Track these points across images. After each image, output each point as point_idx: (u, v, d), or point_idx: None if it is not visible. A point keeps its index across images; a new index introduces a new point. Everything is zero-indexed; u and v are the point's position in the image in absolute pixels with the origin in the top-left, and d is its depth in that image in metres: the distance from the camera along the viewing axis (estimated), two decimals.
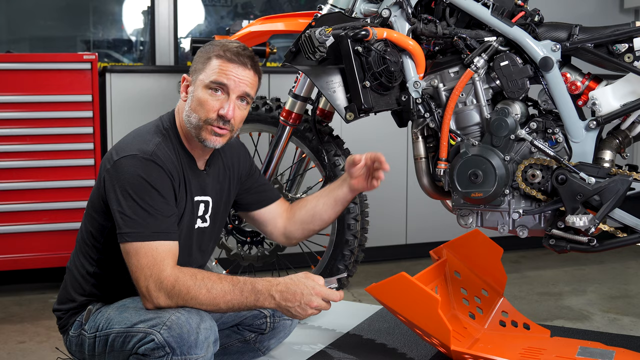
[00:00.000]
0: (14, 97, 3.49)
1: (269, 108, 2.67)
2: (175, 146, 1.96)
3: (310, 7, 4.81)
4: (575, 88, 2.15)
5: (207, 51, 1.96)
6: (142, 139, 1.92)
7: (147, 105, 3.88)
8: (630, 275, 4.16)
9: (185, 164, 1.97)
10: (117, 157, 1.88)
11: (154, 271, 1.80)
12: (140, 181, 1.83)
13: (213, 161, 2.08)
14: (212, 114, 1.92)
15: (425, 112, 2.28)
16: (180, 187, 1.93)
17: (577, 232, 2.10)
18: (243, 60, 1.93)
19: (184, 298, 1.80)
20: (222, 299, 1.81)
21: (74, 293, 2.00)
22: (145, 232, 1.81)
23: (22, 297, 3.66)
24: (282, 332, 2.23)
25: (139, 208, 1.82)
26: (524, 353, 2.17)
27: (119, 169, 1.86)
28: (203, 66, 1.94)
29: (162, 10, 4.39)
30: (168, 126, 1.99)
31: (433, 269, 2.34)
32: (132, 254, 1.82)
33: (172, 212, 1.88)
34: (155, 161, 1.86)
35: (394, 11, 2.29)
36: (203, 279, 1.81)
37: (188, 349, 1.74)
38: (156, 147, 1.89)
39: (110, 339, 1.86)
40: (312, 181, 2.74)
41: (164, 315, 1.77)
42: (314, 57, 2.17)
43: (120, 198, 1.84)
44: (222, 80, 1.91)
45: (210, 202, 2.06)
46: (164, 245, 1.83)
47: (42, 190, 3.55)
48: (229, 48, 1.94)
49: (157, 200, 1.84)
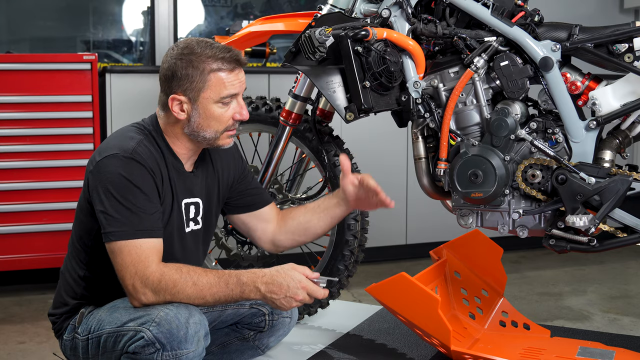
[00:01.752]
0: (14, 98, 3.49)
1: (269, 108, 2.67)
2: (159, 146, 1.96)
3: (310, 7, 4.81)
4: (575, 88, 2.15)
5: (195, 67, 1.89)
6: (122, 138, 1.93)
7: (147, 106, 3.85)
8: (630, 276, 4.16)
9: (171, 165, 1.97)
10: (99, 157, 1.88)
11: (139, 268, 1.80)
12: (122, 180, 1.84)
13: (201, 163, 2.08)
14: (230, 121, 1.96)
15: (425, 112, 2.28)
16: (164, 185, 1.93)
17: (577, 232, 2.10)
18: (238, 62, 1.95)
19: (170, 292, 1.80)
20: (209, 291, 1.82)
21: (67, 297, 2.00)
22: (129, 231, 1.82)
23: (22, 298, 3.66)
24: (281, 330, 2.23)
25: (121, 207, 1.83)
26: (524, 353, 2.17)
27: (101, 169, 1.86)
28: (202, 84, 1.90)
29: (162, 11, 4.39)
30: (150, 128, 1.98)
31: (433, 269, 2.34)
32: (117, 253, 1.82)
33: (156, 210, 1.88)
34: (135, 159, 1.86)
35: (394, 11, 2.29)
36: (188, 272, 1.82)
37: (178, 344, 1.75)
38: (137, 145, 1.89)
39: (102, 340, 1.87)
40: (312, 181, 2.73)
41: (152, 312, 1.78)
42: (313, 57, 2.17)
43: (103, 198, 1.84)
44: (233, 92, 1.93)
45: (200, 203, 2.06)
46: (147, 243, 1.83)
47: (42, 190, 3.54)
48: (223, 57, 1.91)
49: (139, 198, 1.84)
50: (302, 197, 2.67)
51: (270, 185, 2.69)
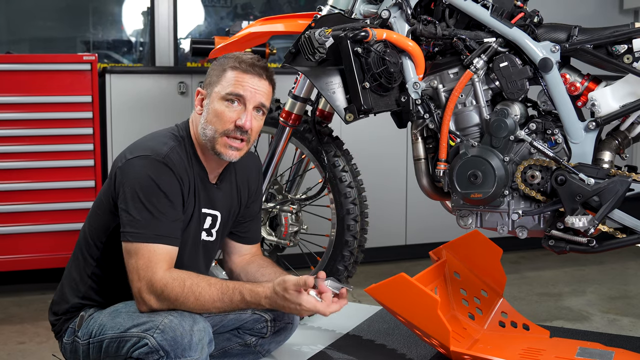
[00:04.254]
0: (14, 98, 3.49)
1: (269, 109, 2.67)
2: (189, 154, 1.96)
3: (310, 8, 4.81)
4: (575, 89, 2.15)
5: (221, 64, 1.97)
6: (157, 142, 1.93)
7: (147, 106, 3.88)
8: (630, 276, 4.16)
9: (197, 174, 1.97)
10: (131, 156, 1.89)
11: (147, 273, 1.81)
12: (150, 182, 1.84)
13: (225, 177, 2.08)
14: (230, 124, 1.93)
15: (424, 113, 2.28)
16: (189, 194, 1.94)
17: (577, 232, 2.10)
18: (258, 71, 1.95)
19: (173, 304, 1.82)
20: (212, 305, 1.83)
21: (69, 294, 2.00)
22: (147, 234, 1.82)
23: (22, 298, 3.66)
24: (282, 335, 2.24)
25: (144, 209, 1.83)
26: (523, 354, 2.17)
27: (130, 168, 1.87)
28: (218, 79, 1.95)
29: (161, 11, 4.39)
30: (184, 134, 1.99)
31: (432, 270, 2.34)
32: (132, 254, 1.83)
33: (178, 217, 1.88)
34: (167, 164, 1.87)
35: (394, 12, 2.29)
36: (191, 286, 1.81)
37: (182, 351, 1.74)
38: (170, 151, 1.90)
39: (104, 344, 1.86)
40: (311, 182, 2.74)
41: (156, 319, 1.78)
42: (313, 58, 2.17)
43: (128, 197, 1.84)
44: (238, 92, 1.92)
45: (219, 217, 2.06)
46: (162, 249, 1.83)
47: (42, 191, 3.55)
48: (243, 60, 1.95)
49: (163, 203, 1.84)
50: (302, 197, 2.67)
51: (270, 186, 2.70)
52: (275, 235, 2.68)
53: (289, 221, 2.64)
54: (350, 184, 2.55)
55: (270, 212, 2.69)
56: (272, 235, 2.69)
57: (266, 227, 2.70)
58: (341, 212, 2.56)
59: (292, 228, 2.64)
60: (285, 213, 2.65)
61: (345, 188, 2.55)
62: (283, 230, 2.65)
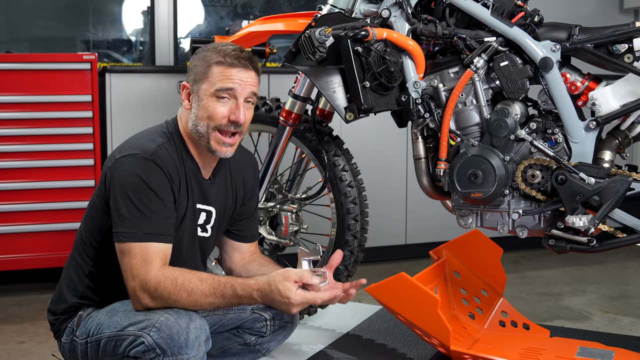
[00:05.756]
0: (14, 98, 3.49)
1: (269, 108, 2.67)
2: (179, 150, 1.96)
3: (310, 7, 4.81)
4: (575, 88, 2.15)
5: (204, 58, 1.95)
6: (145, 139, 1.93)
7: (147, 106, 3.87)
8: (630, 276, 4.16)
9: (189, 170, 1.97)
10: (119, 155, 1.89)
11: (140, 272, 1.81)
12: (138, 181, 1.84)
13: (219, 172, 2.08)
14: (223, 120, 1.93)
15: (425, 113, 2.28)
16: (180, 190, 1.93)
17: (577, 232, 2.10)
18: (244, 62, 1.94)
19: (167, 301, 1.81)
20: (204, 300, 1.82)
21: (67, 294, 2.00)
22: (138, 233, 1.82)
23: (22, 298, 3.66)
24: (282, 334, 2.23)
25: (134, 208, 1.83)
26: (523, 353, 2.17)
27: (119, 168, 1.86)
28: (204, 75, 1.93)
29: (161, 11, 4.39)
30: (173, 130, 1.99)
31: (433, 269, 2.34)
32: (125, 254, 1.83)
33: (169, 214, 1.88)
34: (155, 161, 1.86)
35: (394, 11, 2.29)
36: (183, 282, 1.81)
37: (179, 349, 1.75)
38: (158, 147, 1.90)
39: (101, 343, 1.86)
40: (312, 181, 2.74)
41: (153, 317, 1.78)
42: (313, 57, 2.17)
43: (118, 197, 1.84)
44: (228, 86, 1.92)
45: (213, 212, 2.06)
46: (154, 247, 1.83)
47: (41, 190, 3.54)
48: (227, 53, 1.93)
49: (153, 201, 1.84)
50: (302, 196, 2.67)
51: (270, 185, 2.69)
52: (276, 235, 2.67)
53: (289, 220, 2.64)
54: (350, 183, 2.55)
55: (270, 211, 2.68)
56: (272, 234, 2.69)
57: (266, 226, 2.70)
58: (341, 212, 2.56)
59: (292, 227, 2.64)
60: (285, 212, 2.65)
61: (346, 187, 2.54)
62: (283, 230, 2.65)
